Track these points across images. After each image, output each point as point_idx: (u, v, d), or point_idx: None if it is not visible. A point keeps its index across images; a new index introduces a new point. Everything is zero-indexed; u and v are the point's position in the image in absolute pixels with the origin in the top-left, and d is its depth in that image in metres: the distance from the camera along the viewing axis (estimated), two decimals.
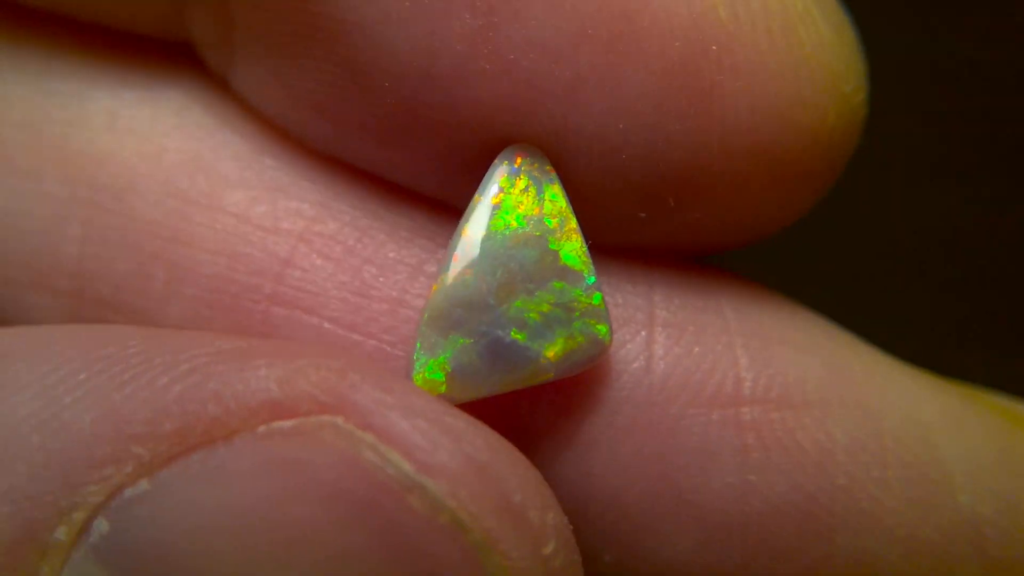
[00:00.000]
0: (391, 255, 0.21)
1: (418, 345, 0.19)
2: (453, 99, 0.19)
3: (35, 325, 0.21)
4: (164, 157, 0.21)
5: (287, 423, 0.16)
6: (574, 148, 0.19)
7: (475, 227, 0.19)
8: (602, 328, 0.19)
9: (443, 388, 0.19)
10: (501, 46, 0.18)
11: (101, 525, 0.15)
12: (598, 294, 0.19)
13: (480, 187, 0.19)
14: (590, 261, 0.19)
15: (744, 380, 0.20)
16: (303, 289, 0.20)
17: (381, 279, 0.20)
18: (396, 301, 0.20)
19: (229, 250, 0.21)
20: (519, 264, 0.19)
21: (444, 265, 0.19)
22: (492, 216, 0.19)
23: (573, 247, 0.19)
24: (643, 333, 0.20)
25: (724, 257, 0.22)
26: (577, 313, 0.19)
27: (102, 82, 0.22)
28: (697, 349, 0.20)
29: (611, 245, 0.21)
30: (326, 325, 0.20)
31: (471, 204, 0.19)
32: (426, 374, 0.19)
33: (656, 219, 0.20)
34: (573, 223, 0.19)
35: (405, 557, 0.16)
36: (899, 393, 0.20)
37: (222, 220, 0.21)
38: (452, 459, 0.16)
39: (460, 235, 0.19)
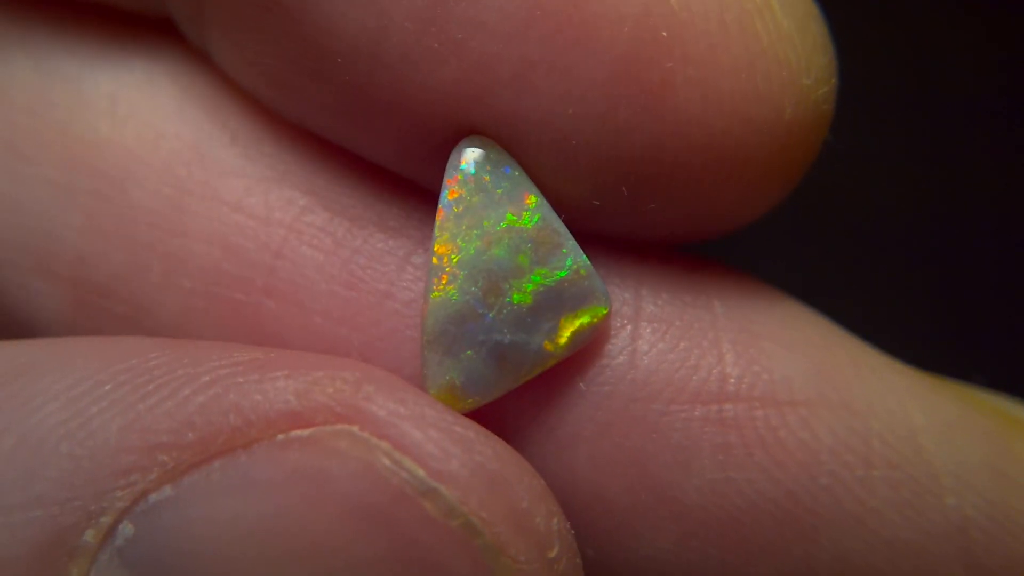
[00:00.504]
0: (379, 245, 0.21)
1: (425, 372, 0.20)
2: (404, 79, 0.19)
3: (58, 338, 0.22)
4: (162, 144, 0.22)
5: (305, 432, 0.17)
6: (525, 135, 0.19)
7: (443, 238, 0.19)
8: (599, 299, 0.19)
9: (457, 403, 0.19)
10: (450, 26, 0.18)
11: (127, 529, 0.16)
12: (585, 266, 0.19)
13: (442, 192, 0.19)
14: (567, 233, 0.19)
15: (729, 377, 0.20)
16: (293, 282, 0.21)
17: (369, 271, 0.21)
18: (383, 294, 0.21)
19: (223, 241, 0.21)
20: (496, 264, 0.19)
21: (427, 285, 0.20)
22: (458, 225, 0.19)
23: (546, 227, 0.19)
24: (629, 328, 0.20)
25: (718, 248, 0.22)
26: (568, 293, 0.19)
27: (100, 63, 0.23)
28: (683, 344, 0.20)
29: (591, 234, 0.20)
30: (316, 319, 0.21)
31: (438, 214, 0.19)
32: (441, 397, 0.19)
33: (611, 208, 0.19)
34: (535, 202, 0.19)
35: (419, 562, 0.16)
36: (888, 393, 0.20)
37: (217, 210, 0.21)
38: (464, 467, 0.17)
39: (434, 252, 0.19)
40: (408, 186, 0.21)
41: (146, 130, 0.22)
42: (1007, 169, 0.48)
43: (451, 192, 0.19)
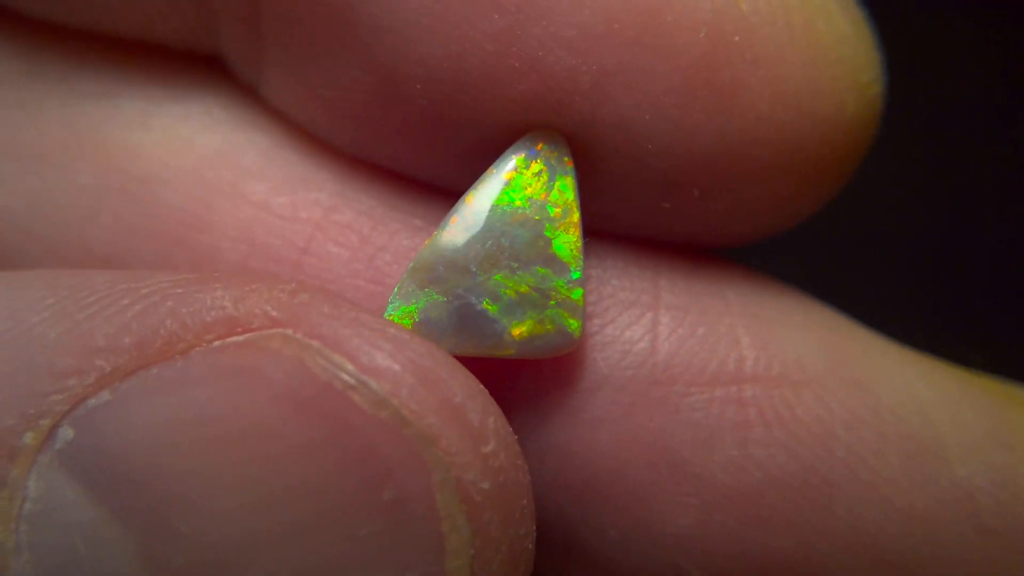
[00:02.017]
0: (404, 243, 0.22)
1: (396, 290, 0.20)
2: (482, 98, 0.19)
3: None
4: (192, 150, 0.22)
5: (240, 337, 0.17)
6: (600, 140, 0.20)
7: (480, 196, 0.20)
8: (574, 323, 0.20)
9: None
10: (528, 44, 0.19)
11: (66, 432, 0.16)
12: (579, 290, 0.20)
13: (496, 161, 0.20)
14: (581, 257, 0.20)
15: (746, 359, 0.21)
16: (320, 277, 0.21)
17: (395, 266, 0.21)
18: None
19: (250, 238, 0.22)
20: (510, 240, 0.20)
21: (443, 223, 0.20)
22: (499, 189, 0.20)
23: (568, 240, 0.20)
24: (649, 315, 0.21)
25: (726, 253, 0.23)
26: (553, 302, 0.20)
27: (136, 86, 0.23)
28: (701, 330, 0.21)
29: (630, 236, 0.21)
30: None
31: (483, 175, 0.20)
32: (395, 317, 0.20)
33: (680, 209, 0.20)
34: (575, 217, 0.20)
35: (350, 450, 0.16)
36: (896, 372, 0.21)
37: (244, 209, 0.22)
38: (394, 361, 0.17)
39: (464, 201, 0.20)
40: (433, 189, 0.22)
41: (176, 138, 0.23)
42: (1012, 170, 0.49)
43: (510, 165, 0.20)
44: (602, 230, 0.21)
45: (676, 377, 0.20)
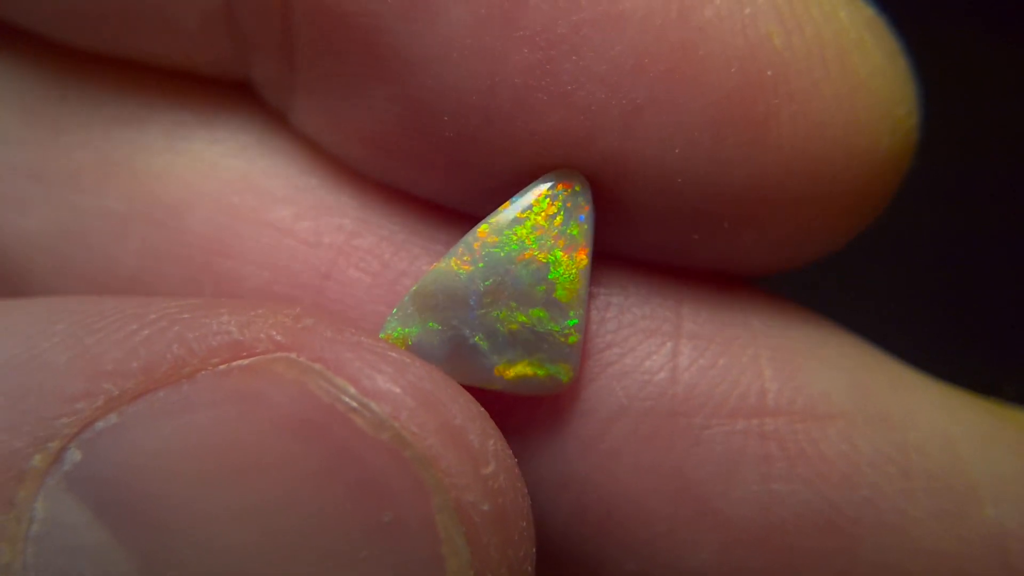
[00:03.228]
0: (425, 268, 0.21)
1: (395, 311, 0.20)
2: (512, 130, 0.19)
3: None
4: (217, 175, 0.23)
5: (245, 361, 0.17)
6: (630, 173, 0.19)
7: (491, 230, 0.20)
8: (564, 368, 0.20)
9: None
10: (559, 78, 0.19)
11: (74, 454, 0.16)
12: (575, 336, 0.20)
13: (514, 197, 0.20)
14: (583, 304, 0.20)
15: (768, 392, 0.20)
16: (342, 302, 0.21)
17: None
18: None
19: (273, 263, 0.22)
20: (513, 280, 0.20)
21: (450, 252, 0.20)
22: (511, 226, 0.20)
23: (572, 285, 0.20)
24: (669, 344, 0.21)
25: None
26: (545, 345, 0.20)
27: (165, 111, 0.23)
28: (722, 361, 0.20)
29: (654, 264, 0.21)
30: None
31: (498, 209, 0.20)
32: (391, 338, 0.20)
33: (708, 241, 0.20)
34: (583, 264, 0.20)
35: (351, 473, 0.17)
36: (924, 407, 0.20)
37: (268, 235, 0.22)
38: (395, 385, 0.17)
39: (475, 232, 0.20)
40: (455, 215, 0.22)
41: (202, 163, 0.23)
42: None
43: (528, 200, 0.20)
44: (625, 256, 0.21)
45: (696, 409, 0.20)
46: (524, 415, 0.21)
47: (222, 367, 0.17)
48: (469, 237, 0.20)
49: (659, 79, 0.18)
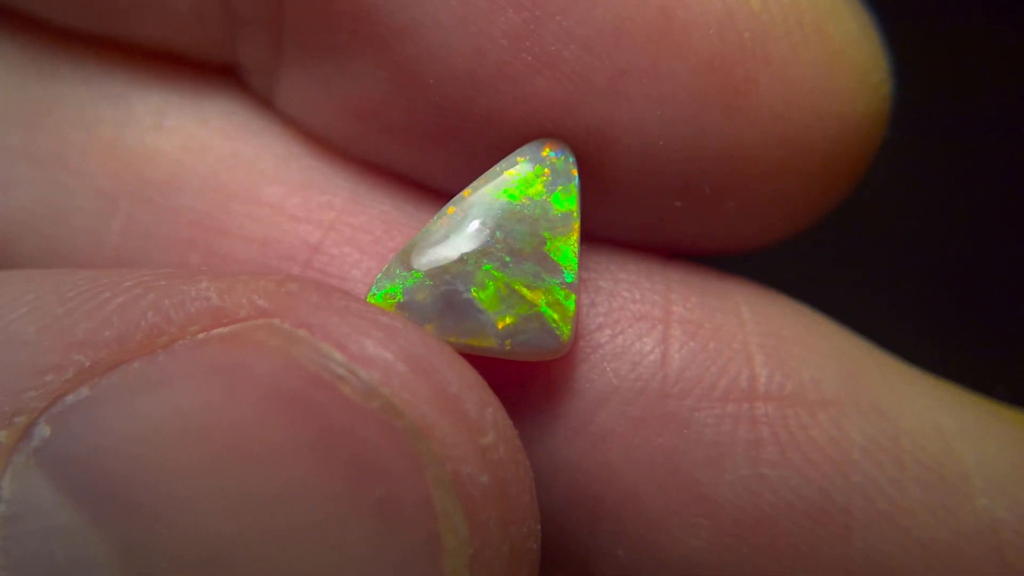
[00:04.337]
0: None
1: (383, 271, 0.19)
2: (498, 96, 0.19)
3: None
4: (207, 154, 0.22)
5: (225, 329, 0.16)
6: (614, 139, 0.19)
7: (480, 190, 0.20)
8: (564, 327, 0.19)
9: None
10: (544, 40, 0.19)
11: (42, 430, 0.16)
12: (572, 295, 0.19)
13: (503, 160, 0.20)
14: (576, 263, 0.20)
15: (759, 376, 0.20)
16: (330, 274, 0.21)
17: None
18: None
19: (262, 237, 0.22)
20: (506, 234, 0.19)
21: (440, 212, 0.20)
22: (501, 186, 0.20)
23: (565, 246, 0.20)
24: (659, 328, 0.20)
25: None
26: (543, 302, 0.19)
27: (152, 90, 0.23)
28: (712, 345, 0.20)
29: (637, 244, 0.21)
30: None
31: (486, 173, 0.20)
32: (378, 298, 0.19)
33: (691, 209, 0.20)
34: (575, 226, 0.20)
35: (340, 445, 0.16)
36: (916, 397, 0.20)
37: (258, 211, 0.22)
38: (385, 350, 0.16)
39: (461, 194, 0.20)
40: (447, 197, 0.22)
41: (191, 141, 0.23)
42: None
43: (512, 162, 0.20)
44: (612, 239, 0.21)
45: (686, 391, 0.20)
46: (514, 397, 0.20)
47: (201, 335, 0.16)
48: (457, 198, 0.20)
49: (641, 44, 0.18)
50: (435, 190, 0.22)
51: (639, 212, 0.20)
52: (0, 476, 0.16)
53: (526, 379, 0.20)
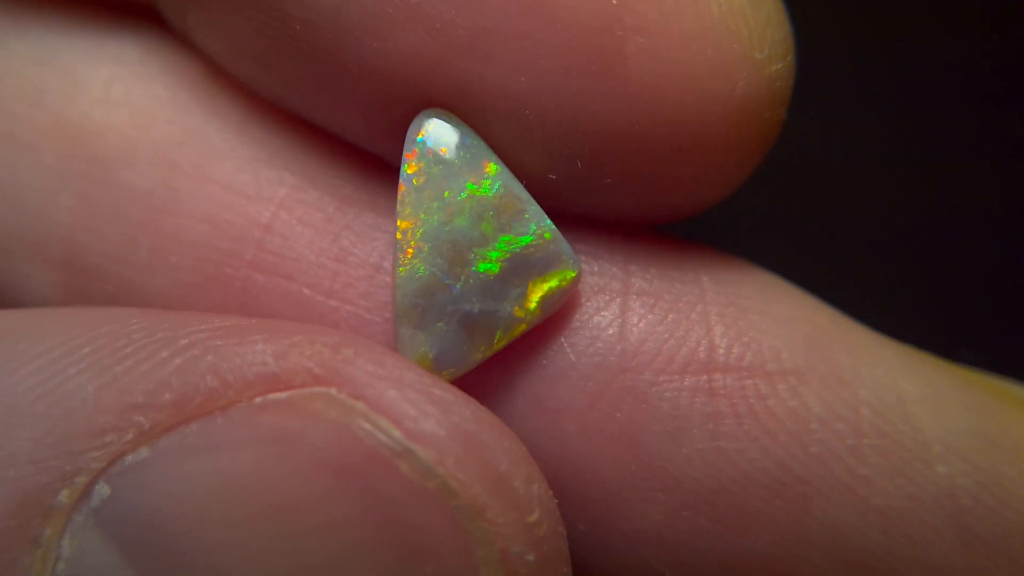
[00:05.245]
0: (369, 222, 0.21)
1: (397, 343, 0.20)
2: (364, 46, 0.19)
3: (37, 308, 0.21)
4: (155, 128, 0.22)
5: (282, 395, 0.16)
6: (482, 104, 0.19)
7: (408, 214, 0.19)
8: (567, 262, 0.19)
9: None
10: None
11: (102, 490, 0.16)
12: (548, 230, 0.19)
13: (401, 168, 0.20)
14: (531, 199, 0.19)
15: (718, 347, 0.20)
16: (282, 255, 0.21)
17: (359, 245, 0.21)
18: (374, 267, 0.21)
19: (213, 217, 0.21)
20: (461, 235, 0.19)
21: (394, 260, 0.20)
22: (419, 198, 0.19)
23: (509, 195, 0.19)
24: (618, 300, 0.20)
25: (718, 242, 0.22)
26: (537, 256, 0.19)
27: (95, 52, 0.23)
28: (671, 316, 0.20)
29: (567, 212, 0.21)
30: (304, 291, 0.21)
31: (399, 189, 0.20)
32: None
33: (567, 183, 0.20)
34: (494, 168, 0.19)
35: (394, 523, 0.16)
36: (877, 364, 0.20)
37: (207, 189, 0.21)
38: (440, 427, 0.16)
39: (397, 227, 0.20)
40: (396, 170, 0.21)
41: (139, 116, 0.22)
42: (1006, 160, 0.48)
43: (410, 166, 0.19)
44: (565, 213, 0.21)
45: (644, 365, 0.20)
46: (471, 373, 0.20)
47: (257, 400, 0.16)
48: (397, 236, 0.20)
49: (505, 2, 0.18)
50: (387, 165, 0.21)
51: (524, 180, 0.20)
52: (60, 535, 0.16)
53: (487, 361, 0.20)
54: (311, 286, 0.20)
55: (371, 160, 0.22)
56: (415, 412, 0.16)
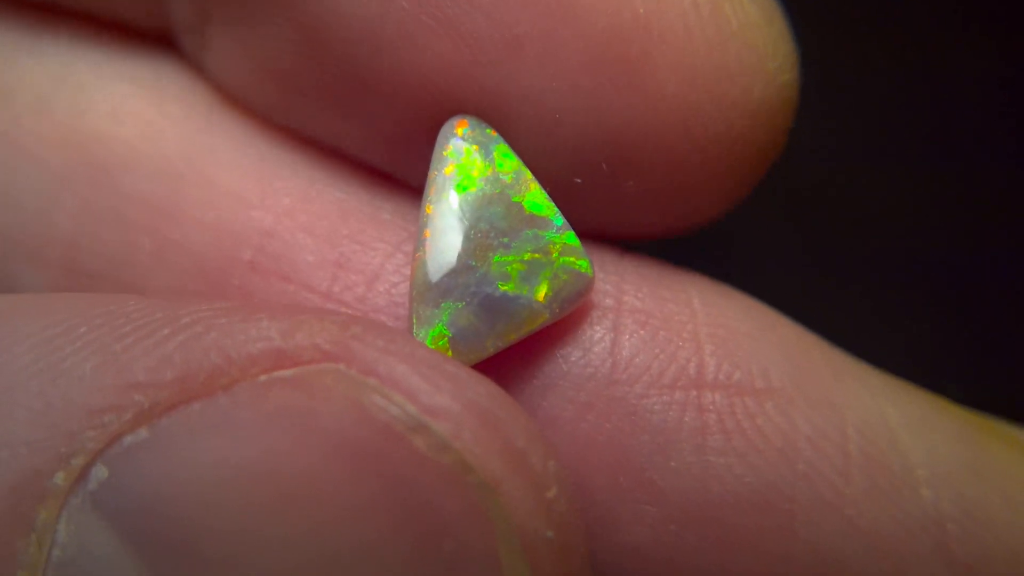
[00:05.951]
0: (371, 233, 0.21)
1: (413, 320, 0.20)
2: (400, 59, 0.20)
3: (34, 292, 0.21)
4: (163, 141, 0.23)
5: (289, 372, 0.16)
6: (513, 110, 0.20)
7: (437, 199, 0.20)
8: (583, 263, 0.20)
9: (448, 354, 0.19)
10: (443, 3, 0.19)
11: (100, 472, 0.15)
12: (570, 233, 0.20)
13: (432, 163, 0.20)
14: (554, 205, 0.20)
15: (707, 365, 0.20)
16: (282, 258, 0.21)
17: (360, 254, 0.21)
18: (373, 274, 0.21)
19: (215, 223, 0.22)
20: (488, 223, 0.20)
21: (418, 242, 0.20)
22: (451, 185, 0.20)
23: (535, 196, 0.20)
24: (610, 316, 0.21)
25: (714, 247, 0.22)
26: (555, 255, 0.20)
27: (107, 70, 0.23)
28: (662, 334, 0.20)
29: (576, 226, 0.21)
30: (303, 293, 0.21)
31: (428, 180, 0.20)
32: (428, 344, 0.19)
33: (592, 187, 0.20)
34: (528, 175, 0.20)
35: (410, 503, 0.15)
36: (864, 390, 0.20)
37: (211, 195, 0.22)
38: (455, 402, 0.16)
39: (425, 212, 0.20)
40: (400, 186, 0.22)
41: (148, 129, 0.23)
42: (1008, 165, 0.48)
43: (443, 159, 0.20)
44: (580, 228, 0.21)
45: (634, 378, 0.20)
46: None
47: (263, 378, 0.16)
48: (425, 220, 0.20)
49: (538, 12, 0.19)
50: (391, 178, 0.22)
51: (544, 186, 0.20)
52: (56, 519, 0.15)
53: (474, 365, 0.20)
54: (309, 288, 0.21)
55: (376, 175, 0.22)
56: (428, 387, 0.16)
